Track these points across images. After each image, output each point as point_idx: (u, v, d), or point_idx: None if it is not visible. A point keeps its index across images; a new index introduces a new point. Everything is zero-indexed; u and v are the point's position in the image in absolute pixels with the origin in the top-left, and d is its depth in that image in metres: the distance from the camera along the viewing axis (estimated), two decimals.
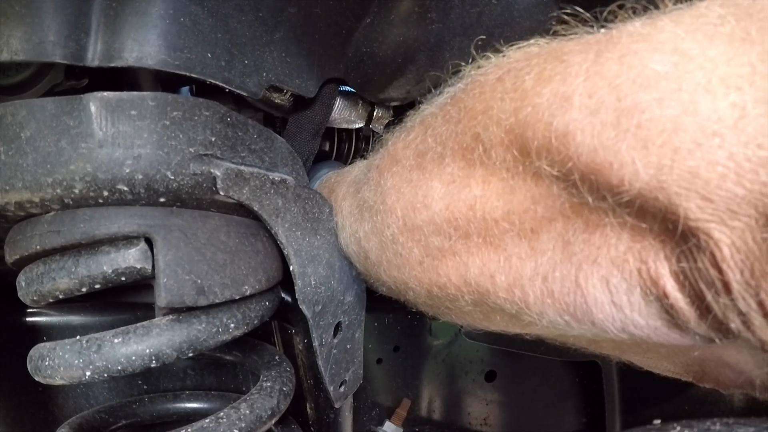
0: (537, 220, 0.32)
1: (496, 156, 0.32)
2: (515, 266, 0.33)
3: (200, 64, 0.41)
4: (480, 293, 0.36)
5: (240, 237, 0.45)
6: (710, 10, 0.25)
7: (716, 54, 0.23)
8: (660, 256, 0.27)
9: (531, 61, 0.31)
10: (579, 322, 0.32)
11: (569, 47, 0.29)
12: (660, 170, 0.24)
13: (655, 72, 0.24)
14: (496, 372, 0.91)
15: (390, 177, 0.42)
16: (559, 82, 0.28)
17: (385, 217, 0.42)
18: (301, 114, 0.57)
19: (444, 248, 0.38)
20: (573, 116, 0.27)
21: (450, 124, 0.36)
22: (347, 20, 0.52)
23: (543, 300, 0.32)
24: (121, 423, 0.61)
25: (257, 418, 0.46)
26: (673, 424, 0.28)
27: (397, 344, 0.86)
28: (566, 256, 0.31)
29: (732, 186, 0.22)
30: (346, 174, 0.55)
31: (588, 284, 0.30)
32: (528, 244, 0.33)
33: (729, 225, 0.23)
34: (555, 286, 0.31)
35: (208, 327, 0.43)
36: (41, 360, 0.40)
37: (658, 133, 0.24)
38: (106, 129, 0.37)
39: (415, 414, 0.89)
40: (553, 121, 0.28)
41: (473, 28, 0.55)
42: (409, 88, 0.59)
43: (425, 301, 0.44)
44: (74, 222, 0.39)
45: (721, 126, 0.22)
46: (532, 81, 0.30)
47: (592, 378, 0.90)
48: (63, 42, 0.38)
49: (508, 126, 0.31)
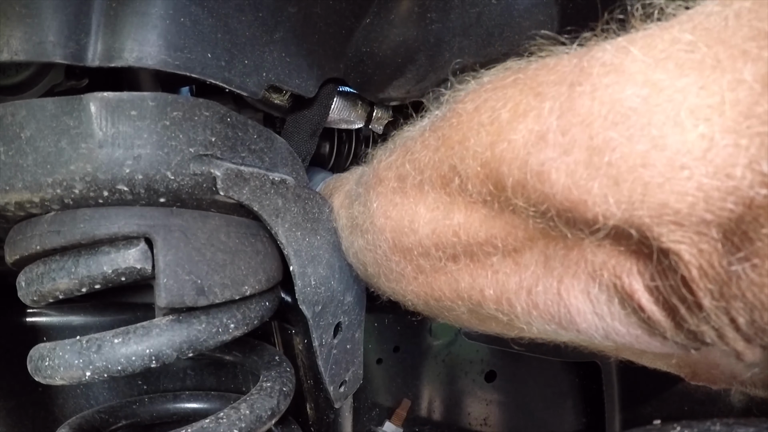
0: (519, 241, 0.33)
1: (472, 188, 0.33)
2: (502, 281, 0.35)
3: (200, 64, 0.41)
4: (473, 304, 0.38)
5: (240, 237, 0.45)
6: (682, 35, 0.24)
7: (686, 84, 0.23)
8: (633, 271, 0.27)
9: (506, 91, 0.31)
10: (565, 330, 0.33)
11: (543, 77, 0.29)
12: (632, 205, 0.24)
13: (626, 107, 0.24)
14: (496, 372, 0.91)
15: (375, 197, 0.43)
16: (533, 119, 0.28)
17: (376, 238, 0.43)
18: (298, 114, 0.57)
19: (435, 267, 0.39)
20: (548, 155, 0.27)
21: (428, 151, 0.37)
22: (347, 20, 0.52)
23: (529, 311, 0.33)
24: (121, 423, 0.61)
25: (257, 418, 0.46)
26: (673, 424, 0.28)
27: (397, 344, 0.86)
28: (548, 271, 0.32)
29: (701, 212, 0.22)
30: (344, 181, 0.56)
31: (570, 296, 0.31)
32: (512, 261, 0.34)
33: (699, 248, 0.23)
34: (539, 298, 0.32)
35: (208, 327, 0.43)
36: (41, 360, 0.40)
37: (628, 170, 0.24)
38: (106, 129, 0.37)
39: (415, 414, 0.89)
40: (528, 159, 0.28)
41: (473, 28, 0.55)
42: (408, 87, 0.59)
43: (424, 309, 0.46)
44: (74, 222, 0.39)
45: (690, 158, 0.22)
46: (508, 115, 0.30)
47: (592, 378, 0.90)
48: (63, 42, 0.38)
49: (484, 160, 0.31)
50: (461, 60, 0.56)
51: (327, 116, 0.59)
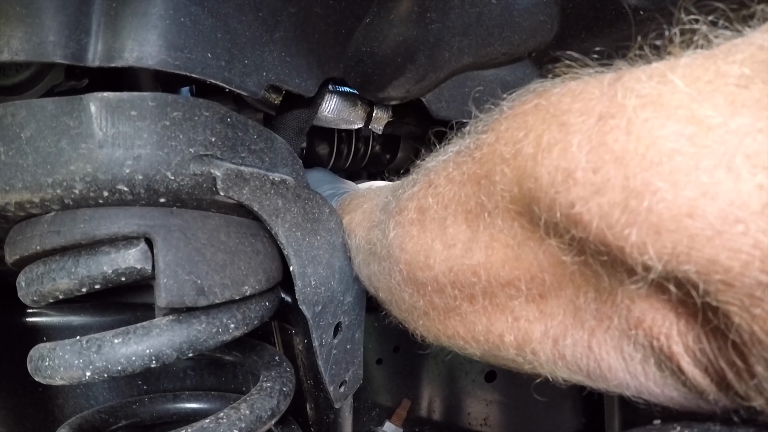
0: (545, 286, 0.30)
1: (502, 224, 0.31)
2: (524, 328, 0.32)
3: (200, 64, 0.41)
4: (489, 347, 0.35)
5: (240, 237, 0.45)
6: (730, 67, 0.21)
7: (741, 125, 0.20)
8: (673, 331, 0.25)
9: (527, 119, 0.28)
10: (594, 382, 0.31)
11: (567, 104, 0.26)
12: (676, 258, 0.21)
13: (668, 147, 0.21)
14: (496, 372, 0.91)
15: (393, 227, 0.41)
16: (559, 154, 0.25)
17: (391, 267, 0.41)
18: (287, 111, 0.57)
19: (449, 307, 0.37)
20: (578, 194, 0.24)
21: (453, 185, 0.35)
22: (347, 20, 0.52)
23: (555, 361, 0.31)
24: (121, 423, 0.61)
25: (257, 418, 0.46)
26: (673, 424, 0.28)
27: (397, 344, 0.86)
28: (578, 322, 0.29)
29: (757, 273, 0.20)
30: (364, 200, 0.55)
31: (602, 351, 0.29)
32: (536, 308, 0.31)
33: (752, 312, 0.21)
34: (567, 350, 0.30)
35: (208, 327, 0.43)
36: (41, 360, 0.40)
37: (672, 219, 0.21)
38: (106, 129, 0.37)
39: (415, 414, 0.89)
40: (557, 198, 0.25)
41: (473, 28, 0.55)
42: (408, 87, 0.59)
43: (435, 343, 0.44)
44: (74, 222, 0.39)
45: (746, 211, 0.20)
46: (531, 149, 0.27)
47: None
48: (63, 42, 0.38)
49: (513, 197, 0.29)
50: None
51: (315, 115, 0.58)
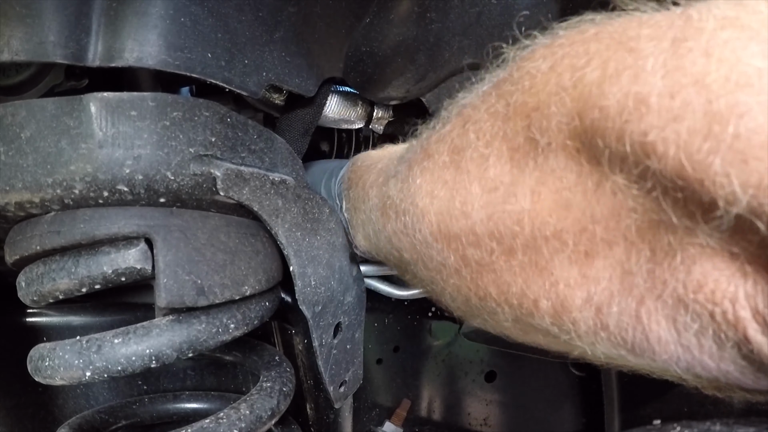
0: (594, 242, 0.28)
1: (556, 164, 0.28)
2: (563, 293, 0.29)
3: (200, 64, 0.41)
4: (523, 313, 0.32)
5: (240, 237, 0.45)
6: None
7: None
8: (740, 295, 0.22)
9: (589, 46, 0.26)
10: (637, 356, 0.28)
11: (635, 30, 0.24)
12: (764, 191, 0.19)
13: (754, 66, 0.20)
14: (496, 372, 0.91)
15: (420, 173, 0.37)
16: (630, 79, 0.23)
17: (416, 220, 0.38)
18: (291, 112, 0.57)
19: (483, 262, 0.33)
20: (651, 122, 0.22)
21: (496, 119, 0.32)
22: (347, 20, 0.52)
23: (596, 332, 0.29)
24: (121, 423, 0.61)
25: (257, 418, 0.46)
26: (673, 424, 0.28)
27: (397, 344, 0.86)
28: (625, 288, 0.27)
29: None
30: (377, 160, 0.51)
31: (651, 321, 0.26)
32: (579, 271, 0.29)
33: None
34: (611, 319, 0.28)
35: (208, 327, 0.43)
36: (41, 360, 0.40)
37: (761, 145, 0.19)
38: (106, 129, 0.37)
39: (415, 414, 0.89)
40: (627, 128, 0.23)
41: (473, 27, 0.55)
42: (408, 87, 0.59)
43: (462, 308, 0.40)
44: (74, 222, 0.39)
45: None
46: (596, 76, 0.25)
47: (592, 378, 0.90)
48: (64, 42, 0.38)
49: (572, 131, 0.26)
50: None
51: (320, 115, 0.59)
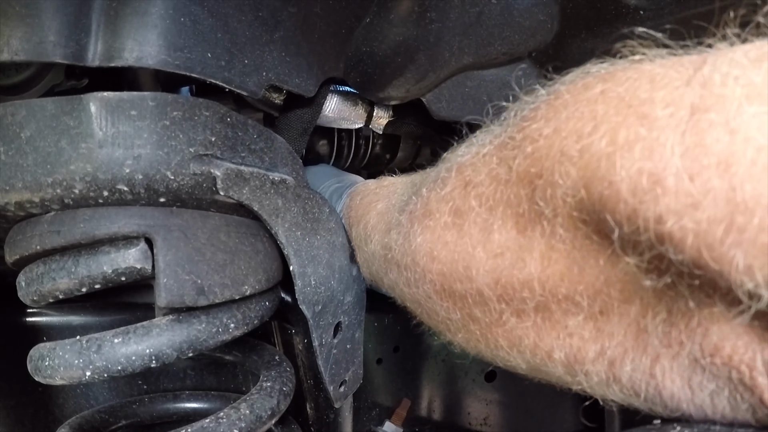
0: (609, 303, 0.27)
1: (564, 233, 0.27)
2: (576, 346, 0.29)
3: (200, 64, 0.41)
4: (536, 362, 0.32)
5: (240, 237, 0.45)
6: None
7: None
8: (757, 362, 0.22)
9: (596, 108, 0.24)
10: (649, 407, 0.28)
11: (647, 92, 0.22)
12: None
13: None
14: (496, 372, 0.91)
15: (421, 231, 0.36)
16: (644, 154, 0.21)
17: (417, 277, 0.37)
18: (290, 112, 0.57)
19: (492, 320, 0.32)
20: (668, 206, 0.20)
21: (498, 184, 0.30)
22: (347, 20, 0.52)
23: (608, 384, 0.28)
24: (121, 423, 0.61)
25: (257, 418, 0.46)
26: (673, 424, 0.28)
27: (397, 344, 0.86)
28: (640, 344, 0.26)
29: None
30: (375, 198, 0.50)
31: (666, 379, 0.25)
32: (594, 325, 0.28)
33: None
34: (623, 373, 0.27)
35: (208, 327, 0.43)
36: (41, 360, 0.40)
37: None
38: (106, 129, 0.37)
39: (415, 414, 0.89)
40: (640, 209, 0.21)
41: (473, 27, 0.55)
42: (408, 87, 0.59)
43: (473, 352, 0.39)
44: (74, 222, 0.39)
45: None
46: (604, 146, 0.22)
47: None
48: (63, 42, 0.38)
49: (578, 203, 0.24)
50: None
51: (319, 115, 0.59)
